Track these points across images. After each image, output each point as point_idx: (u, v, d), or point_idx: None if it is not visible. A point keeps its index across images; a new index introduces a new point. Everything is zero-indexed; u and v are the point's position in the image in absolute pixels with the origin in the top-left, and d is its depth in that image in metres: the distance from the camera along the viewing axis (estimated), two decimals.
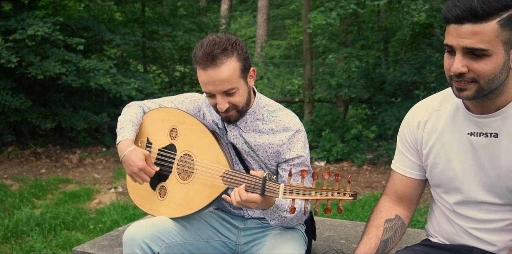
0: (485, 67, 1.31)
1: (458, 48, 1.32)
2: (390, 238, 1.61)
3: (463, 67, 1.33)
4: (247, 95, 1.81)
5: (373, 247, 1.57)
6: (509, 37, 1.30)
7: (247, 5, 20.36)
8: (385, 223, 1.63)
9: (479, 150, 1.48)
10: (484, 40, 1.28)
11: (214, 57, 1.69)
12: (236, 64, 1.74)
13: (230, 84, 1.73)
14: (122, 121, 1.99)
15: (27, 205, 5.02)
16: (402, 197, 1.68)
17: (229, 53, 1.72)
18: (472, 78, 1.34)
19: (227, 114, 1.80)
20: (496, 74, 1.33)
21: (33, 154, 7.35)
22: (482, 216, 1.52)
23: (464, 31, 1.29)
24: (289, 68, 12.71)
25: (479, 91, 1.36)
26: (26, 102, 6.77)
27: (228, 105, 1.76)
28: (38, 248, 3.85)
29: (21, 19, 6.56)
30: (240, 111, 1.81)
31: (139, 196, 2.03)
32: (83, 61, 6.75)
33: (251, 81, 1.84)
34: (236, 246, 1.98)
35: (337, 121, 7.74)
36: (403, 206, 1.68)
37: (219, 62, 1.70)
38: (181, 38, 8.76)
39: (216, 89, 1.73)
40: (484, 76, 1.33)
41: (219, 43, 1.72)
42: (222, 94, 1.74)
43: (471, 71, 1.33)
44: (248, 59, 1.79)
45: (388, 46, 8.74)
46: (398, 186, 1.68)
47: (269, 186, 1.61)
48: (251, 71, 1.83)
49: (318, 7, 7.38)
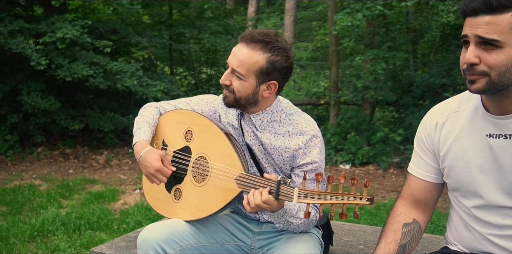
0: (496, 58, 1.30)
1: (472, 37, 1.33)
2: (408, 243, 1.57)
3: (475, 57, 1.33)
4: (249, 93, 1.79)
5: (392, 252, 1.53)
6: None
7: (274, 7, 20.36)
8: (403, 227, 1.59)
9: (498, 152, 1.43)
10: (497, 31, 1.28)
11: (252, 39, 1.74)
12: (260, 60, 1.74)
13: (241, 68, 1.75)
14: (138, 122, 1.99)
15: (53, 205, 5.11)
16: (418, 201, 1.64)
17: (264, 48, 1.74)
18: (483, 71, 1.33)
19: (225, 93, 1.83)
20: (508, 68, 1.31)
21: (61, 154, 7.50)
22: (501, 222, 1.46)
23: (478, 21, 1.31)
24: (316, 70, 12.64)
25: (490, 84, 1.34)
26: (55, 104, 6.91)
27: (228, 82, 1.79)
28: (62, 247, 3.91)
29: (51, 23, 6.71)
30: (237, 100, 1.80)
31: (155, 198, 2.04)
32: (110, 63, 6.86)
33: (266, 92, 1.80)
34: (251, 250, 1.96)
35: (363, 124, 7.64)
36: (420, 210, 1.64)
37: (251, 46, 1.74)
38: (207, 41, 8.81)
39: (231, 62, 1.78)
40: (495, 68, 1.31)
41: (268, 36, 1.75)
42: (231, 70, 1.78)
43: (482, 63, 1.32)
44: (277, 70, 1.76)
45: (417, 48, 8.59)
46: (414, 189, 1.64)
47: (283, 190, 1.59)
48: (271, 83, 1.79)
49: (344, 9, 7.30)
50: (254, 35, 1.75)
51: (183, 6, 9.60)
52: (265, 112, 1.85)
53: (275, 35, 1.78)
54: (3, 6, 6.94)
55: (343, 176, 1.48)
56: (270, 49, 1.74)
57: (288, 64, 1.78)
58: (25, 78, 7.13)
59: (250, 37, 1.75)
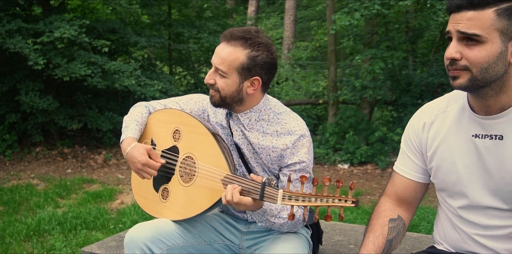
0: (477, 54, 1.31)
1: (454, 33, 1.33)
2: (394, 238, 1.57)
3: (456, 53, 1.33)
4: (234, 90, 1.78)
5: (380, 246, 1.53)
6: (507, 27, 1.29)
7: (274, 7, 20.35)
8: (389, 222, 1.59)
9: (484, 153, 1.43)
10: (478, 26, 1.29)
11: (232, 37, 1.75)
12: (241, 56, 1.74)
13: (223, 65, 1.76)
14: (127, 120, 2.00)
15: (50, 204, 5.12)
16: (403, 199, 1.64)
17: (244, 44, 1.74)
18: (465, 66, 1.33)
19: (211, 93, 1.84)
20: (490, 64, 1.31)
21: (60, 154, 7.51)
22: (487, 222, 1.45)
23: (461, 17, 1.32)
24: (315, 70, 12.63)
25: (472, 80, 1.34)
26: (53, 103, 6.92)
27: (212, 81, 1.81)
28: (58, 247, 3.92)
29: (49, 22, 6.72)
30: (222, 98, 1.80)
31: (143, 197, 2.04)
32: (109, 63, 6.86)
33: (250, 88, 1.79)
34: (240, 250, 1.96)
35: (362, 123, 7.63)
36: (404, 208, 1.64)
37: (232, 43, 1.75)
38: (206, 40, 8.81)
39: (214, 60, 1.79)
40: (477, 64, 1.31)
41: (248, 33, 1.76)
42: (215, 69, 1.80)
43: (464, 59, 1.33)
44: (259, 66, 1.76)
45: (416, 47, 8.58)
46: (398, 187, 1.65)
47: (268, 192, 1.58)
48: (254, 79, 1.78)
49: (343, 8, 7.30)
50: (234, 32, 1.76)
51: (182, 5, 9.61)
52: (253, 111, 1.85)
53: (256, 31, 1.78)
54: (2, 6, 6.96)
55: (328, 178, 1.48)
56: (250, 45, 1.74)
57: (270, 60, 1.77)
58: (23, 78, 7.14)
59: (230, 35, 1.76)
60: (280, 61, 13.35)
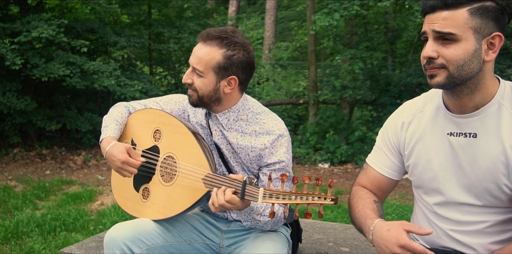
0: (453, 52, 1.36)
1: (430, 33, 1.38)
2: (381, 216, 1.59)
3: (433, 52, 1.38)
4: (210, 90, 1.80)
5: (376, 209, 1.57)
6: (480, 26, 1.34)
7: (255, 7, 20.37)
8: (374, 202, 1.62)
9: (458, 150, 1.47)
10: (453, 25, 1.34)
11: (208, 37, 1.78)
12: (217, 56, 1.76)
13: (200, 65, 1.78)
14: (106, 120, 2.00)
15: (29, 206, 5.05)
16: (375, 190, 1.70)
17: (220, 44, 1.77)
18: (442, 64, 1.38)
19: (189, 93, 1.86)
20: (465, 61, 1.36)
21: (38, 155, 7.41)
22: (461, 218, 1.50)
23: (436, 17, 1.37)
24: (296, 70, 12.69)
25: (449, 78, 1.38)
26: (31, 104, 6.83)
27: (189, 81, 1.82)
28: (37, 249, 3.87)
29: (27, 22, 6.63)
30: (200, 98, 1.82)
31: (123, 197, 2.03)
32: (88, 63, 6.80)
33: (227, 88, 1.81)
34: (220, 249, 1.97)
35: (342, 123, 7.70)
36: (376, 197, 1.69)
37: (208, 43, 1.78)
38: (187, 40, 8.78)
39: (191, 60, 1.81)
40: (453, 62, 1.36)
41: (224, 32, 1.78)
42: (192, 68, 1.82)
43: (440, 57, 1.37)
44: (235, 65, 1.78)
45: (394, 47, 8.68)
46: (372, 181, 1.69)
47: (249, 190, 1.59)
48: (231, 78, 1.80)
49: (322, 9, 7.36)
50: (211, 32, 1.79)
51: (162, 5, 9.56)
52: (231, 111, 1.86)
53: (232, 31, 1.80)
54: None
55: (308, 176, 1.50)
56: (225, 44, 1.76)
57: (247, 59, 1.80)
58: (0, 78, 7.02)
59: (207, 35, 1.79)
60: (261, 61, 13.37)
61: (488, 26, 1.35)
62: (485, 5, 1.34)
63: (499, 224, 1.47)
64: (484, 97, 1.42)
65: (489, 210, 1.46)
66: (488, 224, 1.46)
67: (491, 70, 1.42)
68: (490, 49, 1.38)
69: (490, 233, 1.47)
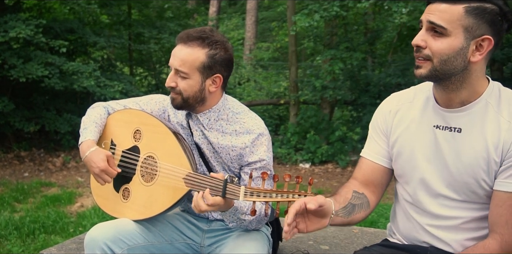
0: (439, 45, 1.39)
1: (425, 22, 1.42)
2: (357, 205, 1.61)
3: (421, 41, 1.41)
4: (196, 90, 1.81)
5: (341, 202, 1.57)
6: (472, 26, 1.37)
7: (235, 8, 20.37)
8: (353, 192, 1.63)
9: (442, 144, 1.50)
10: (445, 19, 1.37)
11: (189, 38, 1.79)
12: (201, 56, 1.77)
13: (184, 67, 1.78)
14: (85, 122, 1.98)
15: (6, 209, 4.98)
16: (368, 182, 1.68)
17: (202, 44, 1.78)
18: (427, 55, 1.41)
19: (172, 96, 1.84)
20: (449, 57, 1.39)
21: (16, 157, 7.30)
22: (439, 211, 1.52)
23: (434, 8, 1.40)
24: (277, 70, 12.73)
25: (432, 71, 1.42)
26: (8, 105, 6.73)
27: (173, 84, 1.81)
28: (15, 252, 3.83)
29: (4, 22, 6.53)
30: (185, 100, 1.82)
31: (103, 198, 2.03)
32: (67, 63, 6.73)
33: (212, 86, 1.83)
34: (201, 248, 1.97)
35: (322, 123, 7.75)
36: (369, 190, 1.68)
37: (189, 44, 1.78)
38: (167, 41, 8.76)
39: (173, 63, 1.80)
40: (437, 55, 1.40)
41: (204, 32, 1.79)
42: (175, 71, 1.81)
43: (428, 48, 1.41)
44: (218, 63, 1.80)
45: (374, 48, 8.78)
46: (365, 171, 1.69)
47: (230, 189, 1.60)
48: (215, 77, 1.82)
49: (303, 10, 7.40)
50: (190, 33, 1.80)
51: (143, 5, 9.51)
52: (212, 111, 1.87)
53: (211, 30, 1.83)
54: None
55: (288, 175, 1.52)
56: (207, 44, 1.78)
57: (228, 56, 1.82)
58: None
59: (186, 37, 1.79)
60: (242, 62, 13.39)
61: (481, 27, 1.37)
62: (484, 7, 1.36)
63: (475, 220, 1.50)
64: (470, 95, 1.45)
65: (466, 206, 1.49)
66: (464, 220, 1.50)
67: (480, 72, 1.44)
68: (478, 51, 1.39)
69: (466, 229, 1.50)
